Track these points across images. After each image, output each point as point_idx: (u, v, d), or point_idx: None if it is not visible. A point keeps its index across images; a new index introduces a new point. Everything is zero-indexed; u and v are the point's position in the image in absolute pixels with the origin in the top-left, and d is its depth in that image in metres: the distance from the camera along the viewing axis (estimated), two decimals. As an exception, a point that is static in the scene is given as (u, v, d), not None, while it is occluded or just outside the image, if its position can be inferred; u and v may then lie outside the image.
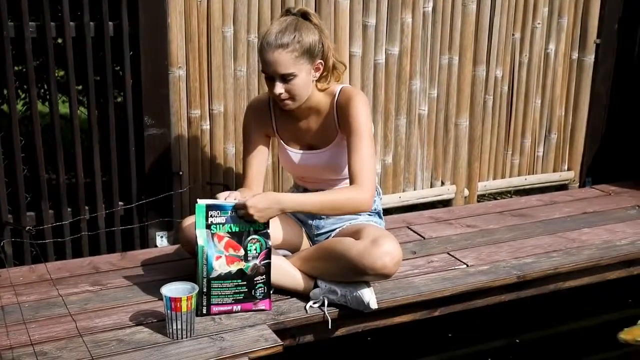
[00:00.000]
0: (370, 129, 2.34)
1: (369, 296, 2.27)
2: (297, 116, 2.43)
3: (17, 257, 2.71)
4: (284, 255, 2.43)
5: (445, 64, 3.31)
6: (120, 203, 2.81)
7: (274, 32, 2.23)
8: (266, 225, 2.21)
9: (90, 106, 2.69)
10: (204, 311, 2.23)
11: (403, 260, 2.33)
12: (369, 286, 2.29)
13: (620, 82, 3.70)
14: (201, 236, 2.17)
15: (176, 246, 2.81)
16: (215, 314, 2.24)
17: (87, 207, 2.77)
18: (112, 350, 2.04)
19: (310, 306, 2.31)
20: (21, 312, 2.26)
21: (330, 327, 2.29)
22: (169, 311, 2.07)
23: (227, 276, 2.20)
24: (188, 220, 2.41)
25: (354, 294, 2.27)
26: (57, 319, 2.22)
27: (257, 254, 2.21)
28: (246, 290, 2.23)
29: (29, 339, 2.09)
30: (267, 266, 2.24)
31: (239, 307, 2.25)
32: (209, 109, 2.90)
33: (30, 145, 2.64)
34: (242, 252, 2.20)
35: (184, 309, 2.06)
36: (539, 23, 3.47)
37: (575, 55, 3.62)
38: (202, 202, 2.18)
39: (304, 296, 2.36)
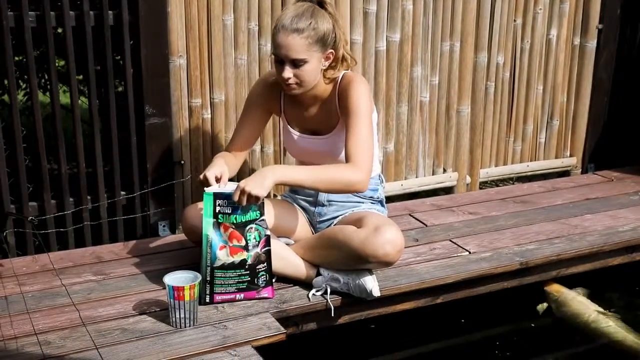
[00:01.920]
0: (369, 112, 2.31)
1: (372, 284, 2.27)
2: (303, 102, 2.42)
3: (20, 247, 2.71)
4: (287, 244, 2.43)
5: (447, 50, 3.30)
6: (122, 192, 2.81)
7: (290, 15, 2.23)
8: (261, 212, 2.20)
9: (91, 96, 2.68)
10: (207, 300, 2.23)
11: (405, 247, 2.33)
12: (371, 274, 2.30)
13: (622, 68, 3.68)
14: (207, 225, 2.17)
15: (178, 235, 2.82)
16: (219, 303, 2.25)
17: (89, 197, 2.76)
18: (116, 339, 2.05)
19: (313, 294, 2.32)
20: (24, 302, 2.26)
21: (333, 314, 2.30)
22: (171, 300, 2.08)
23: (231, 266, 2.20)
24: (191, 209, 2.41)
25: (357, 282, 2.27)
26: (60, 309, 2.23)
27: (257, 243, 2.21)
28: (249, 279, 2.23)
29: (33, 329, 2.10)
30: (268, 253, 2.24)
31: (242, 296, 2.26)
32: (210, 97, 2.89)
33: (31, 135, 2.64)
34: (244, 242, 2.20)
35: (186, 297, 2.07)
36: (540, 9, 3.45)
37: (577, 41, 3.60)
38: (210, 191, 2.18)
39: (306, 284, 2.36)
